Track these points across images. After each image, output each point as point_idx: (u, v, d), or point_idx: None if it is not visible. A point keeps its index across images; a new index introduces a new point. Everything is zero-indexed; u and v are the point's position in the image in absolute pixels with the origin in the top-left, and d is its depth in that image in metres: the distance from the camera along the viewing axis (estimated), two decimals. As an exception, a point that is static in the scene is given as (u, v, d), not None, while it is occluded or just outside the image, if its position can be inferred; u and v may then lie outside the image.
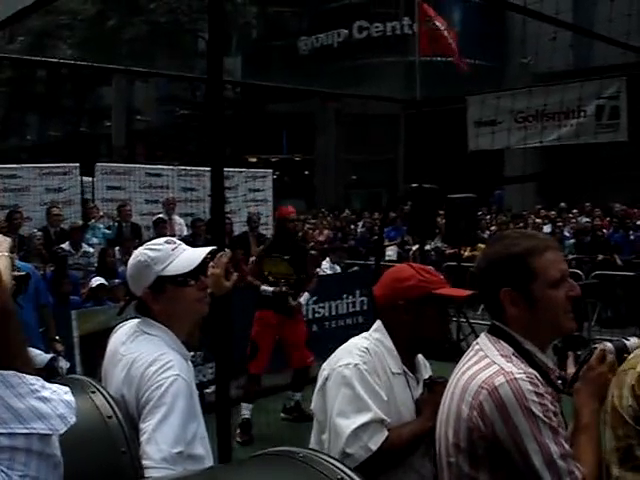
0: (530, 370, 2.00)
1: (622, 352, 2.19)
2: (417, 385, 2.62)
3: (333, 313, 9.35)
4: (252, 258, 10.42)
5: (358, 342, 2.60)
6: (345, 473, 1.44)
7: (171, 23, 25.80)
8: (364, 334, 2.67)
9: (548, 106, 9.71)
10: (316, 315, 9.16)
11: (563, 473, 1.90)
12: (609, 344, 2.21)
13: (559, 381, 2.19)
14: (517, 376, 1.95)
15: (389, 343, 2.59)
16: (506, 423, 1.92)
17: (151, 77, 20.74)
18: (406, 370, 2.59)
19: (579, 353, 2.24)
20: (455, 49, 11.03)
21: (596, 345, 2.20)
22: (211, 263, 2.88)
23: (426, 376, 2.68)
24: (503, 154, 19.52)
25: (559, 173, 11.20)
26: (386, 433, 2.41)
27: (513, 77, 22.51)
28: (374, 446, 2.36)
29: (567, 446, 1.93)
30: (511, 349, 2.07)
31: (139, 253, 2.46)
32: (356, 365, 2.46)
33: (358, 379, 2.44)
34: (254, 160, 27.75)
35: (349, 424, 2.37)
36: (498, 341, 2.10)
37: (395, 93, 17.06)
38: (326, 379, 2.52)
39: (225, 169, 11.46)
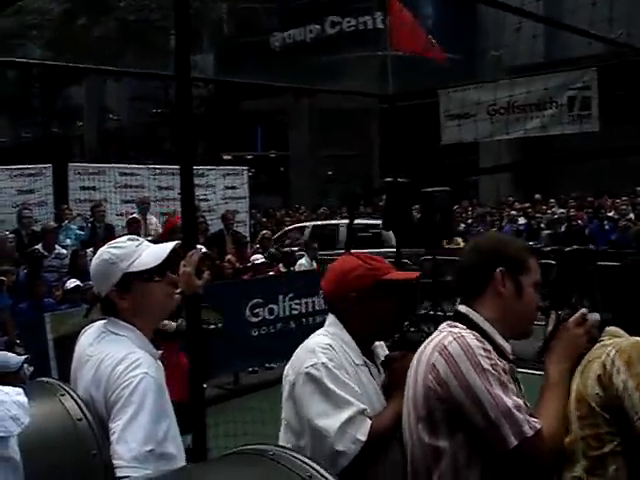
0: (477, 334, 2.09)
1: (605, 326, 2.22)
2: (379, 373, 2.58)
3: (310, 309, 9.32)
4: (228, 256, 10.43)
5: (318, 340, 2.51)
6: (315, 470, 1.43)
7: (141, 21, 25.60)
8: (320, 331, 2.59)
9: (520, 98, 9.78)
10: (293, 312, 9.14)
11: (520, 421, 1.96)
12: (594, 315, 2.24)
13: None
14: (464, 334, 2.05)
15: (347, 337, 2.52)
16: (459, 380, 1.98)
17: (121, 76, 20.57)
18: (366, 360, 2.54)
19: (560, 312, 2.28)
20: (425, 45, 10.97)
21: (582, 311, 2.24)
22: (182, 262, 2.86)
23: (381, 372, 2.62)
24: (477, 146, 19.60)
25: (531, 163, 11.27)
26: (369, 422, 2.33)
27: (485, 70, 22.59)
28: (363, 437, 2.29)
29: (519, 400, 2.00)
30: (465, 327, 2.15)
31: (102, 252, 2.44)
32: (323, 364, 2.38)
33: (329, 377, 2.36)
34: (229, 158, 27.60)
35: (333, 422, 2.29)
36: (454, 324, 2.18)
37: (368, 87, 17.05)
38: (293, 385, 2.42)
39: (201, 167, 11.40)
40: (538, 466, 2.03)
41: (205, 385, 7.68)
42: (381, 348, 2.70)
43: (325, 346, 2.45)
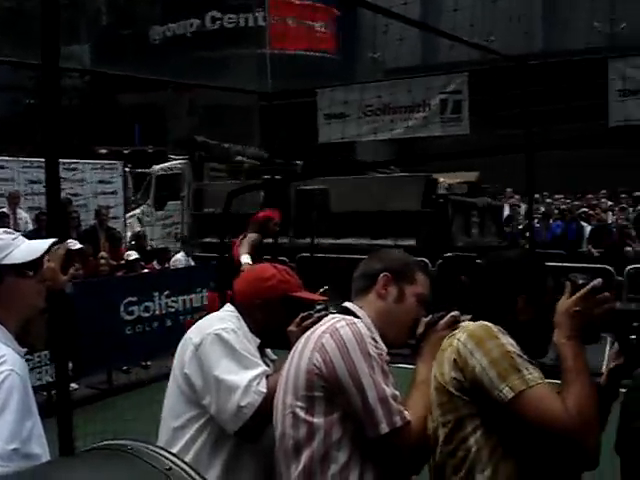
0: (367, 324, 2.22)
1: None
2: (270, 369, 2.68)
3: (187, 307, 9.22)
4: (101, 253, 10.17)
5: (226, 313, 2.71)
6: (173, 462, 1.43)
7: (15, 8, 24.57)
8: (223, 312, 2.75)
9: (395, 100, 10.04)
10: (169, 310, 9.00)
11: (394, 411, 2.08)
12: (467, 317, 2.35)
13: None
14: (356, 321, 2.18)
15: (246, 328, 2.66)
16: (346, 362, 2.08)
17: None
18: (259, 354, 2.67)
19: (431, 316, 2.38)
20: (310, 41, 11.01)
21: (453, 313, 2.37)
22: (47, 256, 2.78)
23: (270, 365, 2.71)
24: (355, 146, 19.90)
25: (407, 160, 11.60)
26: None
27: (364, 72, 22.98)
28: (264, 389, 2.42)
29: (396, 391, 2.12)
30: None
31: None
32: (233, 329, 2.56)
33: (237, 341, 2.53)
34: (104, 152, 26.88)
35: (241, 379, 2.43)
36: (342, 316, 2.28)
37: (249, 85, 17.03)
38: (199, 345, 2.53)
39: (73, 160, 11.00)
40: (402, 456, 2.14)
41: (77, 385, 7.53)
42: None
43: (233, 318, 2.67)
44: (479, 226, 13.19)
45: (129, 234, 13.67)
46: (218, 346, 2.51)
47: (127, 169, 16.07)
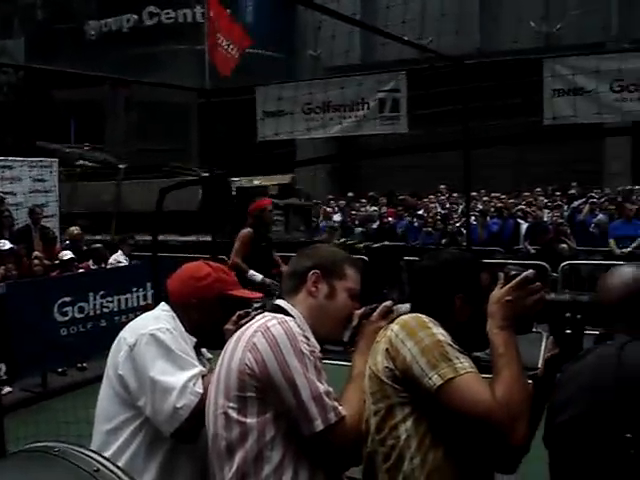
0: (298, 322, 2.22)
1: None
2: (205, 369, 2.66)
3: (123, 307, 9.03)
4: (35, 253, 9.95)
5: (161, 312, 2.66)
6: (101, 464, 1.41)
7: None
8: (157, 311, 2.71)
9: (334, 98, 10.07)
10: (104, 310, 8.80)
11: (328, 408, 2.07)
12: (404, 306, 2.38)
13: None
14: (287, 319, 2.17)
15: (182, 327, 2.63)
16: (278, 361, 2.07)
17: None
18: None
19: (364, 308, 2.41)
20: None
21: (386, 303, 2.40)
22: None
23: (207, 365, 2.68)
24: (295, 144, 19.87)
25: (346, 157, 11.79)
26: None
27: (304, 70, 22.98)
28: (200, 390, 2.39)
29: (330, 388, 2.12)
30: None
31: None
32: (168, 329, 2.53)
33: (173, 342, 2.50)
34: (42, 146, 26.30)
35: (177, 380, 2.41)
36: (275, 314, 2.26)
37: (188, 81, 16.85)
38: (134, 345, 2.48)
39: (5, 158, 10.74)
40: (338, 452, 2.14)
41: (11, 388, 7.35)
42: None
43: (169, 317, 2.63)
44: (283, 223, 14.67)
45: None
46: (153, 346, 2.47)
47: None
